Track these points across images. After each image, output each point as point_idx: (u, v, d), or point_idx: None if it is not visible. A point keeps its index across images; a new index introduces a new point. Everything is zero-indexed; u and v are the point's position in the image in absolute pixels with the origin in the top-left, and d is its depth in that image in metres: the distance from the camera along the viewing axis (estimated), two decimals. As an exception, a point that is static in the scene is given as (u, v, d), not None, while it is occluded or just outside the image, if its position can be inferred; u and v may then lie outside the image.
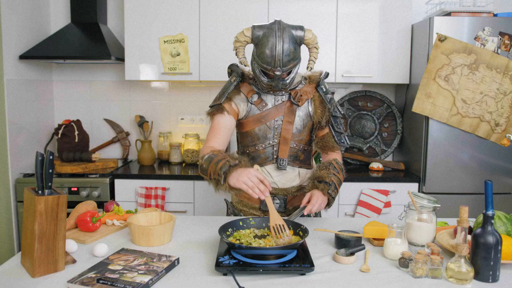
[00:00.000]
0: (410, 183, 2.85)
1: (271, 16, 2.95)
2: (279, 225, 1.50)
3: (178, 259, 1.37)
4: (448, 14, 2.65)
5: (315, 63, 1.78)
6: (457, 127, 2.67)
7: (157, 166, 3.20)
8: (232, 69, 1.88)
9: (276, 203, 1.87)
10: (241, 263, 1.30)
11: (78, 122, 3.11)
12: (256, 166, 1.64)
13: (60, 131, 3.01)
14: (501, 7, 2.81)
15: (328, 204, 1.77)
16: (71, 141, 3.00)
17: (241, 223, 1.56)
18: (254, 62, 1.74)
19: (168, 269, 1.31)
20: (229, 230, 1.52)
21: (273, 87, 1.74)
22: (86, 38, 3.01)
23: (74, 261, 1.37)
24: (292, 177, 1.88)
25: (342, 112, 1.92)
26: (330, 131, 1.90)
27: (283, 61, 1.66)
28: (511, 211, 2.74)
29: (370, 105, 3.29)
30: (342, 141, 1.92)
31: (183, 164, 3.24)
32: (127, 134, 3.39)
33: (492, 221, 1.28)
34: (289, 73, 1.73)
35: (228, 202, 2.03)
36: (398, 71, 3.01)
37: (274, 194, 1.87)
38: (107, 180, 2.80)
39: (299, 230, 1.50)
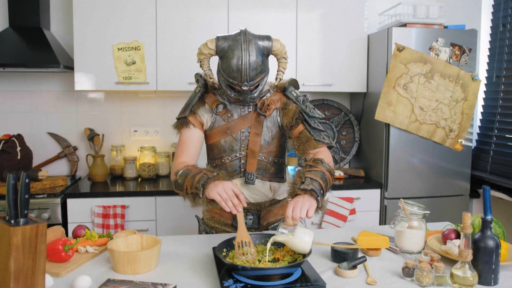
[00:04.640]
0: (373, 189, 2.91)
1: (231, 23, 2.88)
2: (244, 242, 1.43)
3: (175, 287, 1.24)
4: (404, 25, 2.76)
5: (284, 73, 1.70)
6: (416, 133, 2.78)
7: (111, 182, 2.97)
8: (197, 79, 1.77)
9: (250, 219, 1.77)
10: (249, 286, 1.20)
11: (20, 137, 2.80)
12: (235, 181, 1.56)
13: (-1, 148, 2.69)
14: (451, 19, 2.98)
15: (318, 207, 1.47)
16: (12, 158, 2.69)
17: (234, 242, 1.47)
18: (220, 75, 1.64)
19: (168, 299, 1.18)
20: (224, 250, 1.42)
21: (241, 102, 1.65)
22: (29, 44, 2.72)
23: (53, 299, 1.19)
24: (263, 191, 1.78)
25: (322, 115, 1.75)
26: (305, 127, 1.69)
27: (249, 76, 1.56)
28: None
29: (328, 114, 3.33)
30: (322, 137, 1.70)
31: (139, 179, 3.04)
32: (75, 148, 3.12)
33: (491, 225, 1.31)
34: (256, 86, 1.64)
35: (200, 219, 1.91)
36: (358, 80, 3.07)
37: (246, 210, 1.76)
38: (58, 200, 2.54)
39: (297, 246, 1.43)
